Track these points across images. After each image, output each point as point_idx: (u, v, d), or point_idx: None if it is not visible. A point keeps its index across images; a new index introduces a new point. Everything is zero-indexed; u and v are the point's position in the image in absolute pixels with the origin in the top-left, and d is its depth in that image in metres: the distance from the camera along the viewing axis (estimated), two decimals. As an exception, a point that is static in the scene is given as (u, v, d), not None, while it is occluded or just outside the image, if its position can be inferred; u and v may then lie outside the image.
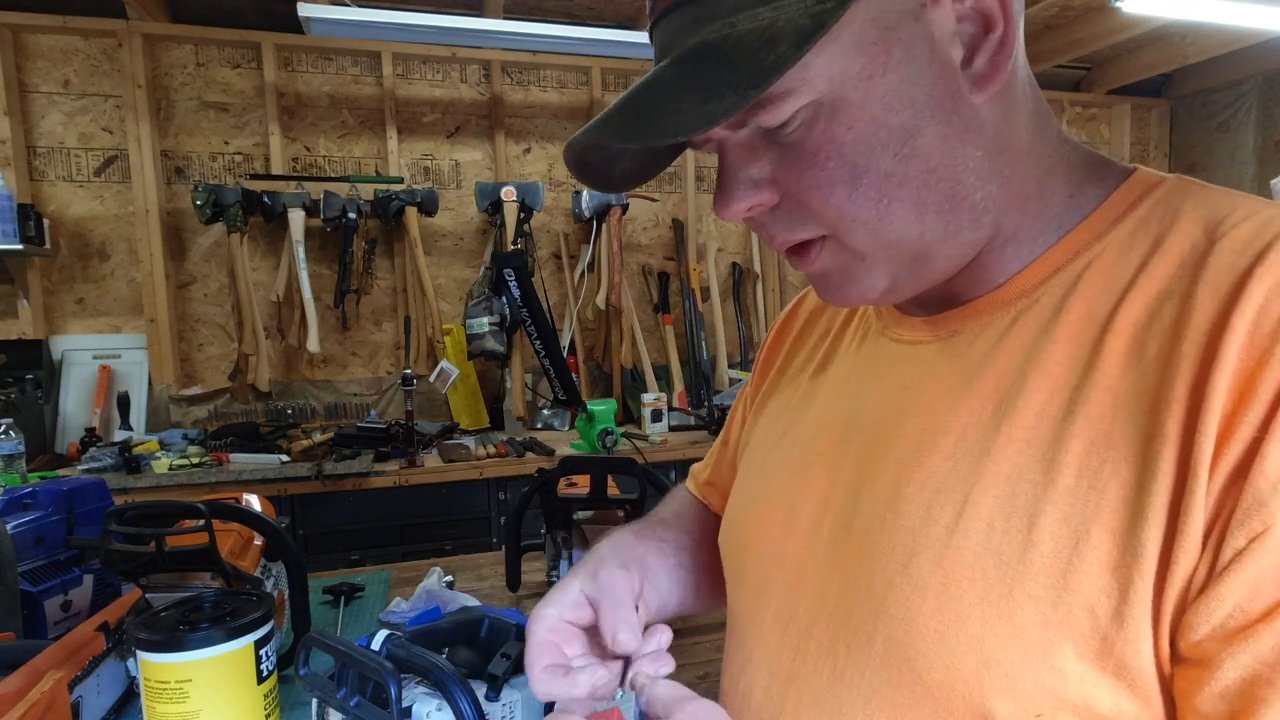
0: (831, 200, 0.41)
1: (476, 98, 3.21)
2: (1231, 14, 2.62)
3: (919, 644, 0.40)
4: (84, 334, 2.80)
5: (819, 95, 0.39)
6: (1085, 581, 0.36)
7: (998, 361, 0.43)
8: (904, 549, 0.42)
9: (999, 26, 0.40)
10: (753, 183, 0.43)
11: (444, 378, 2.89)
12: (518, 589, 1.30)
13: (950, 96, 0.40)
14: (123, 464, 2.34)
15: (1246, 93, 3.83)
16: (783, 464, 0.55)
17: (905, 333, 0.50)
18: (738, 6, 0.38)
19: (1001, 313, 0.45)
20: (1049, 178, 0.45)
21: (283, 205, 2.78)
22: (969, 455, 0.42)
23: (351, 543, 2.46)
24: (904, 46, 0.39)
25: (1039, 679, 0.37)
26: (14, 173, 2.63)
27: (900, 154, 0.40)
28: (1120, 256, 0.42)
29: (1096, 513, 0.36)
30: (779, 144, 0.42)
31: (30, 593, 0.98)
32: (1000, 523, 0.39)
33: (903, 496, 0.44)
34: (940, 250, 0.43)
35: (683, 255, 3.46)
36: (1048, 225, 0.45)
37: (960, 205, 0.42)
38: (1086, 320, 0.41)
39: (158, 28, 2.76)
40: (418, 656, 0.64)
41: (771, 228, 0.45)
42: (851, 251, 0.44)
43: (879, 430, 0.48)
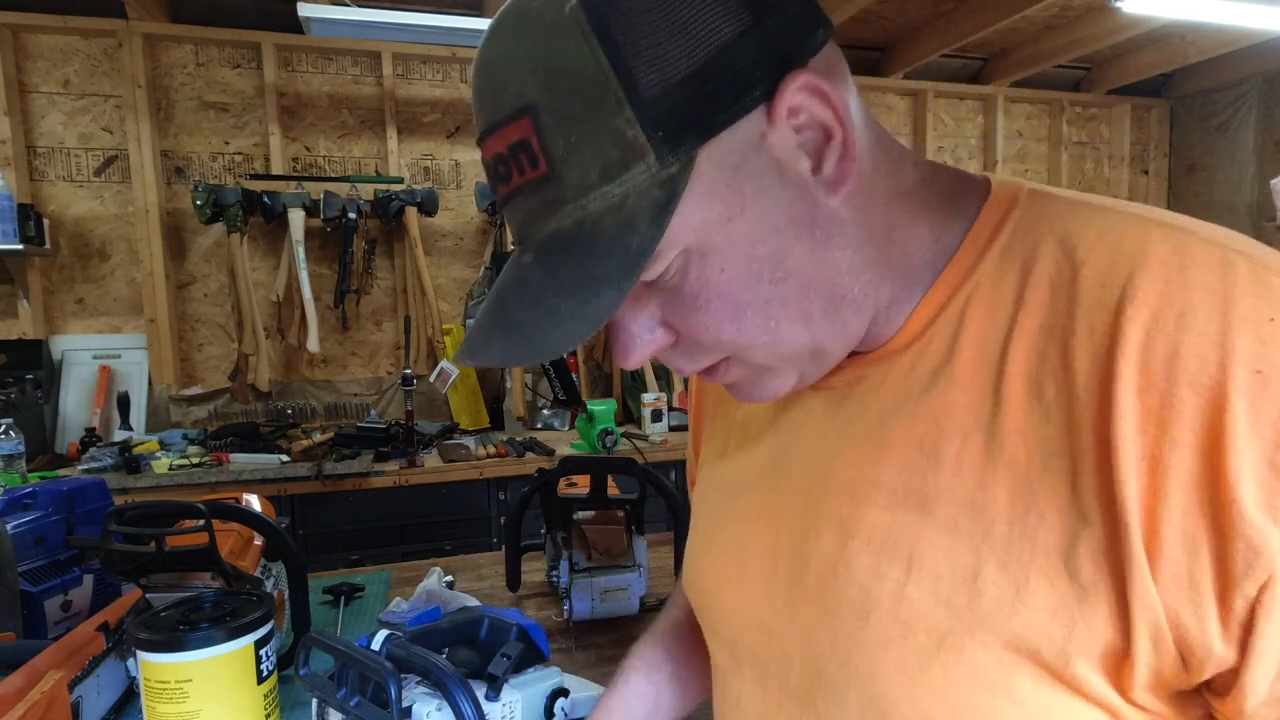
0: (722, 336, 0.42)
1: (476, 98, 3.21)
2: (1231, 14, 2.62)
3: (890, 697, 0.42)
4: (84, 334, 2.80)
5: (686, 245, 0.40)
6: (1030, 625, 0.38)
7: (906, 409, 0.44)
8: (860, 604, 0.43)
9: (837, 133, 0.40)
10: (647, 328, 0.44)
11: (444, 378, 2.89)
12: (518, 589, 1.30)
13: (808, 211, 0.41)
14: (123, 464, 2.34)
15: (1246, 93, 3.83)
16: (728, 512, 0.56)
17: (822, 380, 0.50)
18: (583, 188, 0.38)
19: (898, 358, 0.46)
20: (911, 232, 0.45)
21: (283, 205, 2.78)
22: (904, 508, 0.43)
23: (351, 543, 2.47)
24: (754, 179, 0.39)
25: (1004, 714, 0.39)
26: (14, 173, 2.63)
27: (774, 279, 0.41)
28: (994, 289, 0.43)
29: (1031, 559, 0.38)
30: (661, 290, 0.42)
31: (30, 593, 0.98)
32: (946, 574, 0.40)
33: (850, 551, 0.44)
34: (833, 345, 0.45)
35: (683, 255, 3.45)
36: (921, 275, 0.45)
37: (842, 303, 0.43)
38: (980, 361, 0.42)
39: (158, 28, 2.76)
40: (418, 656, 0.64)
41: (677, 361, 0.46)
42: (754, 366, 0.45)
43: (810, 478, 0.49)
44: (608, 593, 1.17)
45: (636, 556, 1.20)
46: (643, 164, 0.37)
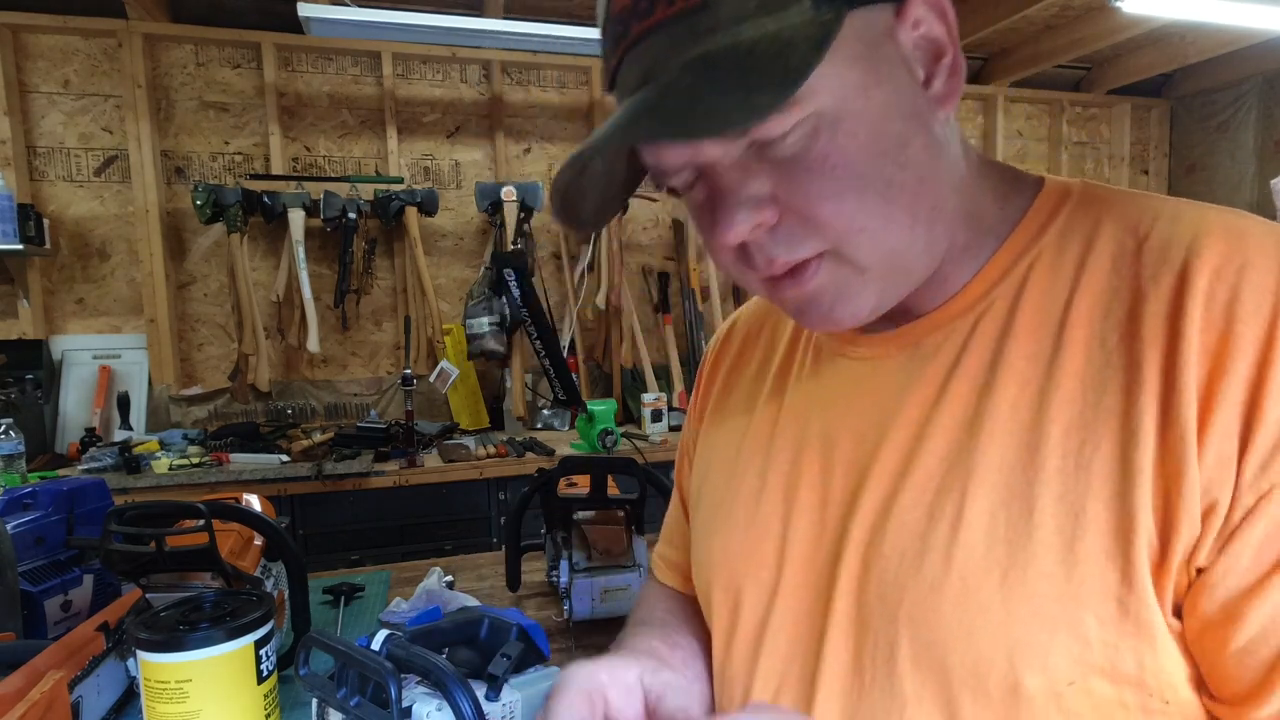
0: (843, 209, 0.41)
1: (476, 98, 3.21)
2: (1231, 14, 2.62)
3: (948, 641, 0.42)
4: (84, 334, 2.80)
5: (821, 107, 0.40)
6: (1091, 551, 0.38)
7: (967, 365, 0.46)
8: (912, 552, 0.44)
9: (949, 52, 0.43)
10: (754, 201, 0.42)
11: (444, 378, 2.89)
12: (518, 589, 1.30)
13: (924, 112, 0.43)
14: (123, 464, 2.34)
15: (1246, 93, 3.83)
16: (761, 493, 0.55)
17: (865, 350, 0.52)
18: (738, 18, 0.38)
19: (961, 320, 0.47)
20: (980, 193, 0.48)
21: (283, 205, 2.78)
22: (958, 455, 0.44)
23: (351, 543, 2.47)
24: (887, 63, 0.41)
25: (1067, 650, 0.39)
26: (14, 173, 2.63)
27: (898, 162, 0.42)
28: (1056, 259, 0.45)
29: (1088, 488, 0.39)
30: (772, 160, 0.42)
31: (30, 593, 0.98)
32: (1001, 512, 0.41)
33: (900, 505, 0.45)
34: (919, 262, 0.45)
35: (683, 255, 3.45)
36: (987, 236, 0.48)
37: (938, 216, 0.44)
38: (1041, 318, 0.44)
39: (158, 28, 2.76)
40: (418, 656, 0.64)
41: (772, 249, 0.44)
42: (851, 266, 0.44)
43: (862, 447, 0.49)
44: (608, 593, 1.17)
45: (636, 556, 1.20)
46: (799, 6, 0.38)
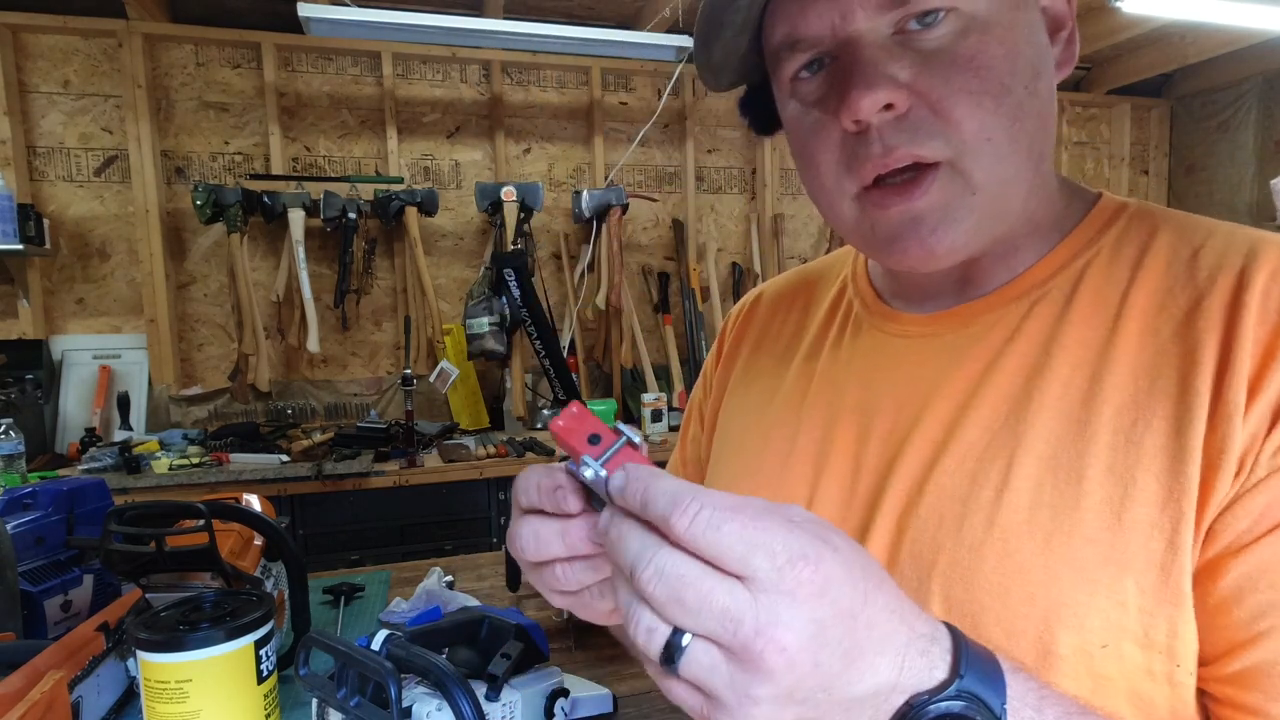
0: (980, 108, 0.42)
1: (476, 98, 3.21)
2: (1231, 14, 2.62)
3: (983, 600, 0.42)
4: (84, 334, 2.80)
5: (974, 12, 0.42)
6: (1138, 520, 0.40)
7: (1019, 345, 0.47)
8: (953, 515, 0.45)
9: (1068, 25, 0.47)
10: (892, 80, 0.42)
11: (444, 378, 2.89)
12: (518, 589, 1.30)
13: (1049, 61, 0.46)
14: (123, 464, 2.34)
15: (1246, 93, 3.83)
16: (788, 456, 0.55)
17: (913, 328, 0.53)
18: None
19: (1016, 304, 0.49)
20: (1052, 188, 0.51)
21: (283, 205, 2.78)
22: (1005, 425, 0.45)
23: (351, 543, 2.46)
24: (1029, 4, 0.45)
25: (1104, 613, 0.40)
26: (14, 173, 2.63)
27: (1031, 88, 0.44)
28: (1113, 259, 0.47)
29: (1138, 461, 0.41)
30: (917, 50, 0.43)
31: (30, 593, 0.98)
32: (1049, 479, 0.42)
33: (942, 470, 0.46)
34: (1015, 205, 0.46)
35: (683, 255, 3.46)
36: (1051, 229, 0.50)
37: (1040, 166, 0.47)
38: (1097, 308, 0.46)
39: (158, 28, 2.76)
40: (418, 656, 0.64)
41: (892, 138, 0.43)
42: (965, 182, 0.44)
43: (901, 418, 0.50)
44: (608, 593, 1.17)
45: (636, 556, 1.20)
46: None
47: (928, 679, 0.32)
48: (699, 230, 3.53)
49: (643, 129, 3.36)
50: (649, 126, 3.37)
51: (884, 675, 0.32)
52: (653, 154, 3.48)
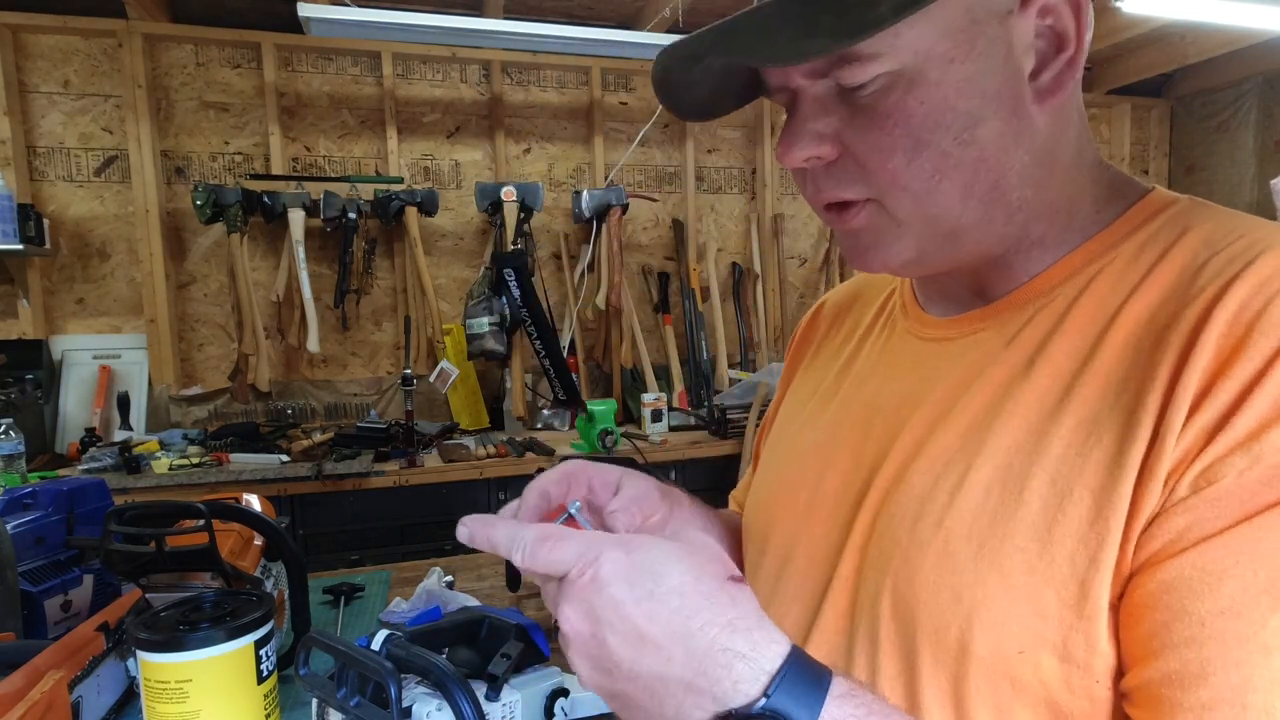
0: (889, 165, 0.45)
1: (476, 98, 3.21)
2: (1231, 14, 2.62)
3: (920, 595, 0.45)
4: (84, 334, 2.80)
5: (902, 65, 0.42)
6: (1067, 534, 0.40)
7: (1010, 352, 0.47)
8: (912, 514, 0.47)
9: (1070, 48, 0.44)
10: (818, 135, 0.46)
11: (444, 378, 2.89)
12: (518, 589, 1.30)
13: (1015, 98, 0.44)
14: (123, 464, 2.34)
15: (1246, 93, 3.83)
16: (810, 448, 0.59)
17: (930, 331, 0.55)
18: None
19: (1020, 311, 0.49)
20: (1080, 195, 0.49)
21: (283, 205, 2.78)
22: (975, 432, 0.46)
23: (351, 543, 2.46)
24: (986, 42, 0.43)
25: (1023, 621, 0.41)
26: (14, 173, 2.63)
27: (960, 138, 0.44)
28: (1129, 265, 0.46)
29: (1080, 474, 0.41)
30: (850, 104, 0.45)
31: (30, 593, 0.98)
32: (996, 487, 0.43)
33: (915, 469, 0.48)
34: (971, 235, 0.47)
35: (683, 255, 3.46)
36: (1071, 234, 0.49)
37: (999, 199, 0.46)
38: (1093, 318, 0.45)
39: (158, 28, 2.76)
40: (417, 656, 0.64)
41: (822, 182, 0.48)
42: (891, 217, 0.47)
43: (898, 415, 0.52)
44: (608, 593, 1.17)
45: (636, 556, 1.20)
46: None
47: (733, 693, 0.37)
48: (699, 230, 3.53)
49: (643, 129, 3.36)
50: (649, 126, 3.36)
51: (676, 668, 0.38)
52: (653, 154, 3.48)
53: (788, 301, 3.66)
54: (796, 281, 3.74)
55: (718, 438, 2.91)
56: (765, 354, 3.54)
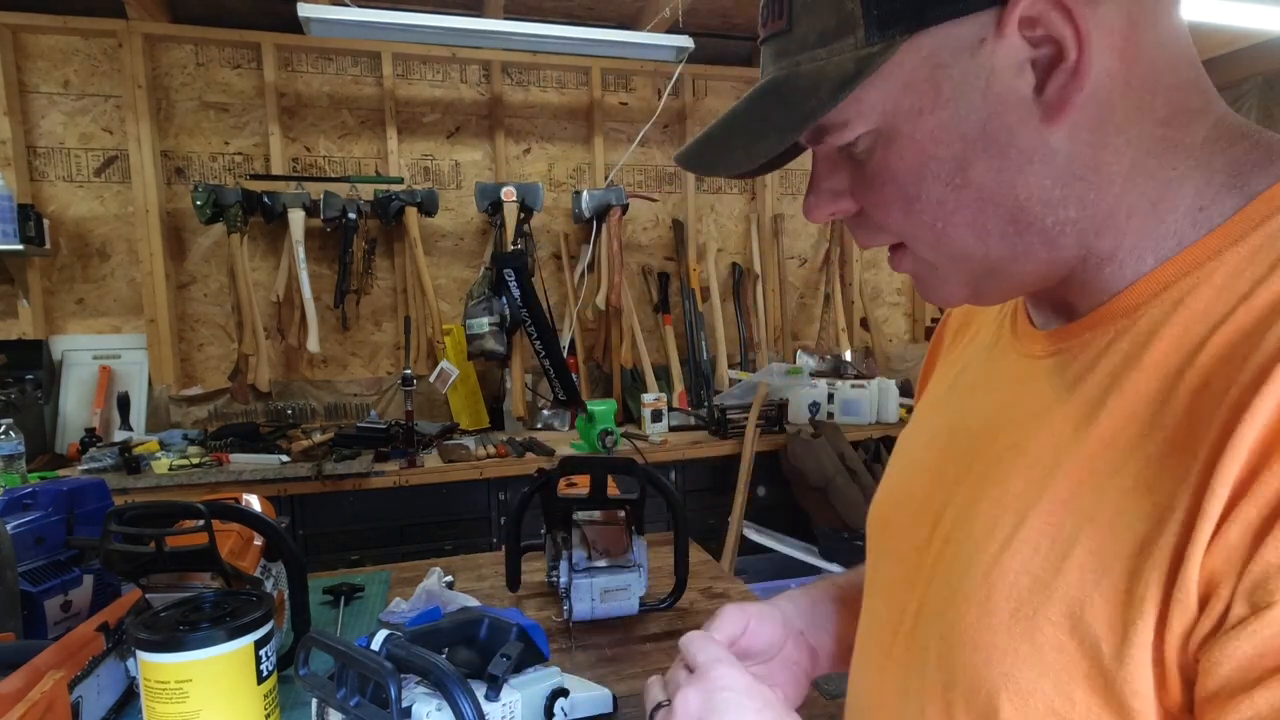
0: (890, 219, 0.45)
1: (476, 98, 3.21)
2: (1231, 14, 2.62)
3: (959, 649, 0.44)
4: (84, 334, 2.80)
5: (875, 125, 0.42)
6: (1096, 616, 0.37)
7: (1085, 386, 0.43)
8: (966, 560, 0.45)
9: (1071, 55, 0.38)
10: (833, 193, 0.47)
11: (444, 378, 2.89)
12: (518, 589, 1.30)
13: (1008, 129, 0.40)
14: (123, 464, 2.34)
15: (1246, 93, 3.83)
16: (912, 464, 0.59)
17: (1024, 345, 0.51)
18: (803, 46, 0.42)
19: (1100, 332, 0.44)
20: (1169, 192, 0.42)
21: (283, 205, 2.78)
22: (1037, 477, 0.43)
23: (351, 543, 2.47)
24: (955, 83, 0.40)
25: (1048, 700, 0.39)
26: (14, 173, 2.63)
27: (951, 184, 0.42)
28: (1231, 278, 0.39)
29: (1122, 550, 0.37)
30: (854, 160, 0.45)
31: (30, 593, 0.98)
32: (1044, 546, 0.41)
33: (975, 512, 0.47)
34: (1013, 268, 0.44)
35: (683, 255, 3.46)
36: (1162, 242, 0.42)
37: (1027, 229, 0.42)
38: (1175, 348, 0.39)
39: (158, 28, 2.76)
40: (417, 656, 0.64)
41: (856, 231, 0.49)
42: (924, 261, 0.47)
43: (975, 442, 0.51)
44: (608, 593, 1.17)
45: (636, 556, 1.20)
46: (851, 38, 0.40)
47: None
48: (699, 230, 3.53)
49: (643, 129, 3.36)
50: (649, 126, 3.37)
51: None
52: (653, 154, 3.48)
53: (788, 301, 3.66)
54: (796, 281, 3.74)
55: (718, 438, 2.91)
56: (765, 354, 3.54)
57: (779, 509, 2.97)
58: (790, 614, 0.65)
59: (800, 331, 3.76)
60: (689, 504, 2.81)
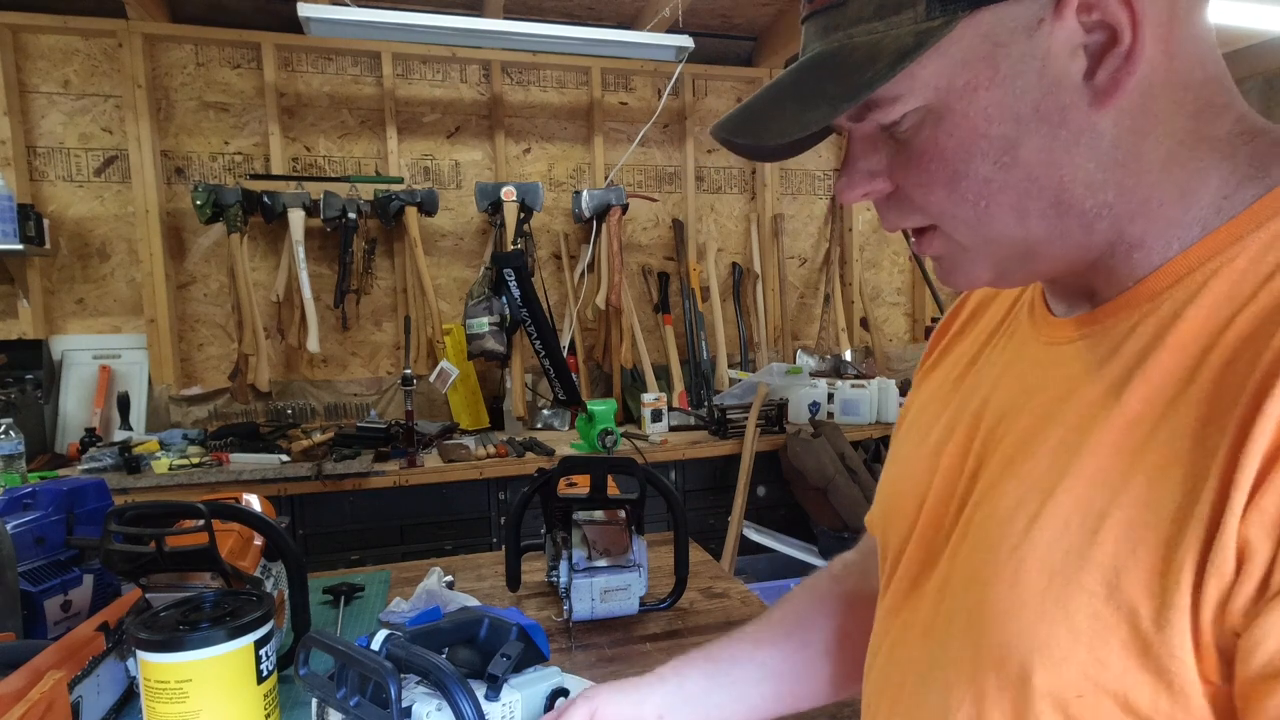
0: (931, 198, 0.45)
1: (476, 98, 3.21)
2: (1231, 14, 2.62)
3: (990, 623, 0.45)
4: (84, 334, 2.80)
5: (926, 102, 0.42)
6: (1134, 584, 0.38)
7: (1110, 366, 0.44)
8: (994, 537, 0.46)
9: (1125, 40, 0.39)
10: (870, 173, 0.47)
11: (444, 378, 2.89)
12: (518, 589, 1.30)
13: (1060, 110, 0.41)
14: (123, 464, 2.34)
15: (1246, 93, 3.81)
16: (928, 450, 0.59)
17: (1045, 332, 0.52)
18: (857, 19, 0.42)
19: (1125, 316, 0.45)
20: (1197, 182, 0.43)
21: (283, 205, 2.78)
22: (1063, 455, 0.44)
23: (351, 543, 2.47)
24: (1012, 62, 0.41)
25: (1083, 666, 0.40)
26: (14, 173, 2.63)
27: (1000, 162, 0.42)
28: (1253, 263, 0.40)
29: (1156, 522, 0.38)
30: (895, 140, 0.45)
31: (30, 593, 0.98)
32: (1075, 521, 0.41)
33: (1002, 490, 0.47)
34: (1047, 250, 0.45)
35: (683, 255, 3.46)
36: (1188, 229, 0.43)
37: (1068, 212, 0.43)
38: (1201, 330, 0.40)
39: (158, 28, 2.76)
40: (417, 656, 0.64)
41: (886, 212, 0.49)
42: (955, 243, 0.47)
43: (1000, 425, 0.51)
44: (608, 593, 1.17)
45: (636, 556, 1.20)
46: (911, 11, 0.40)
47: None
48: (699, 230, 3.53)
49: (643, 129, 3.36)
50: (649, 126, 3.37)
51: None
52: (653, 154, 3.48)
53: (788, 301, 3.66)
54: (796, 281, 3.74)
55: (718, 438, 2.91)
56: (765, 354, 3.54)
57: (779, 509, 2.97)
58: (649, 697, 0.66)
59: (800, 331, 3.76)
60: (689, 504, 2.81)
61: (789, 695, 0.69)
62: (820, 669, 0.69)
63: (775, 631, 0.71)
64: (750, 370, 3.40)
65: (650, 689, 0.67)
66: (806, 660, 0.69)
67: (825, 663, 0.69)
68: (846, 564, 0.76)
